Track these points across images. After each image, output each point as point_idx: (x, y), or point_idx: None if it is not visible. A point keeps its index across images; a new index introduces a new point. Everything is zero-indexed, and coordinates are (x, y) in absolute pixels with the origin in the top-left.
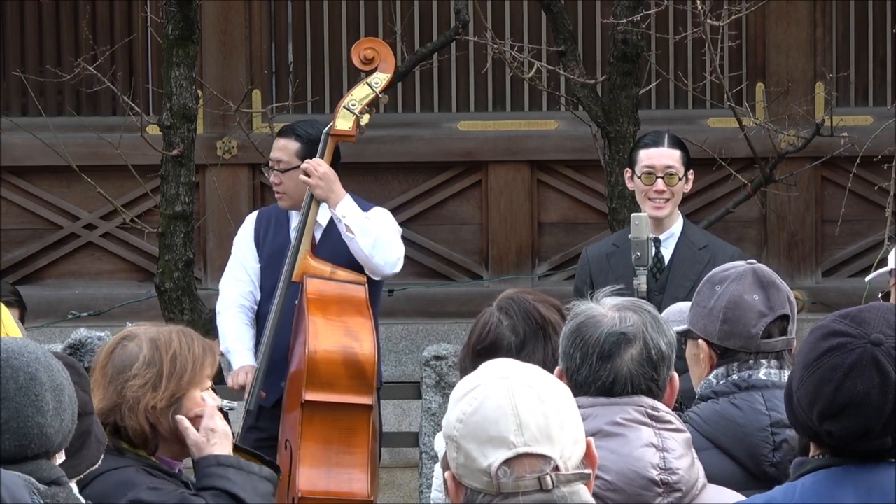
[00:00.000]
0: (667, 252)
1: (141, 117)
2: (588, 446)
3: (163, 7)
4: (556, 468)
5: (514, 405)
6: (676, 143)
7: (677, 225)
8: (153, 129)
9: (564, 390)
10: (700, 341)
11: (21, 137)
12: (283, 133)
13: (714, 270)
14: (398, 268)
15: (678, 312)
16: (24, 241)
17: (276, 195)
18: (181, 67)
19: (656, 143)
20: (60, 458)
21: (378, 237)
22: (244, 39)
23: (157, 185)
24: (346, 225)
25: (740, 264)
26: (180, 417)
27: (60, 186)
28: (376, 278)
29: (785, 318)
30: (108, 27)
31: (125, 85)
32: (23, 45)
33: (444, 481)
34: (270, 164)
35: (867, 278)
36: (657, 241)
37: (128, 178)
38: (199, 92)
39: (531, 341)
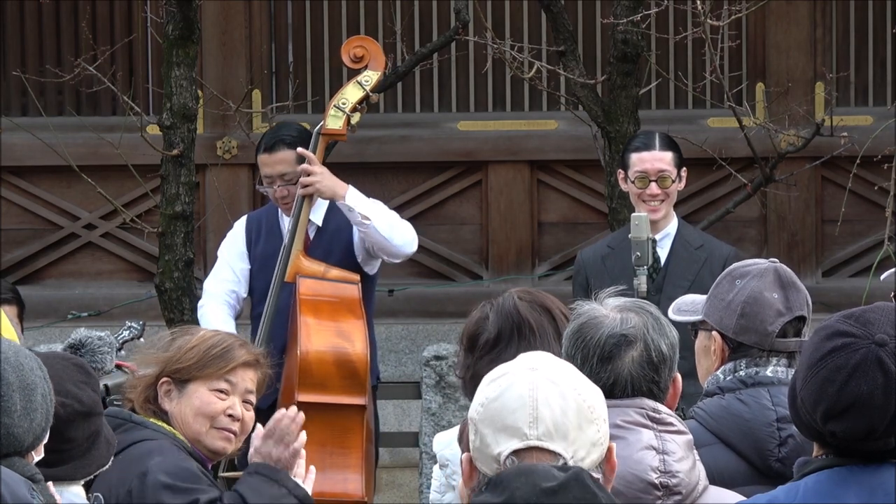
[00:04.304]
0: (662, 252)
1: (141, 117)
2: (609, 451)
3: (163, 7)
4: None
5: (535, 398)
6: (667, 143)
7: (672, 225)
8: (153, 129)
9: (594, 392)
10: (714, 333)
11: (21, 137)
12: (272, 148)
13: (735, 265)
14: (415, 246)
15: (690, 303)
16: (24, 241)
17: (284, 205)
18: (181, 67)
19: (647, 146)
20: (38, 455)
21: (392, 218)
22: (244, 39)
23: (157, 185)
24: (359, 214)
25: (762, 261)
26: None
27: (60, 186)
28: (396, 260)
29: (801, 320)
30: (108, 27)
31: (125, 85)
32: (23, 45)
33: (461, 462)
34: (267, 181)
35: (882, 277)
36: (653, 242)
37: (128, 178)
38: (199, 92)
39: (504, 339)
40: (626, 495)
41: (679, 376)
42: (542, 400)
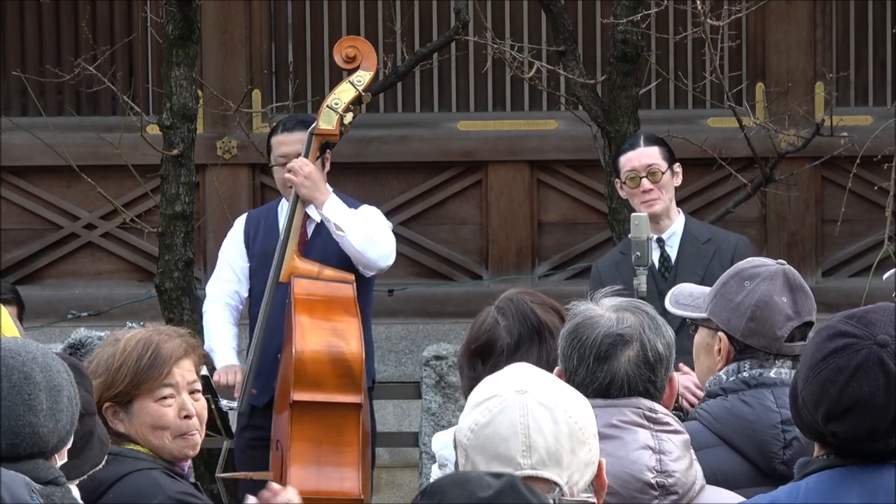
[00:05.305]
0: (671, 250)
1: (141, 117)
2: (599, 468)
3: (163, 7)
4: (562, 493)
5: (527, 425)
6: (653, 140)
7: (679, 222)
8: (153, 129)
9: (584, 408)
10: (720, 333)
11: (21, 137)
12: (292, 128)
13: (742, 265)
14: (391, 260)
15: (688, 296)
16: (24, 241)
17: (289, 189)
18: (181, 67)
19: (633, 146)
20: (62, 458)
21: (368, 231)
22: (244, 39)
23: (157, 185)
24: (334, 224)
25: (771, 263)
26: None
27: (60, 186)
28: (371, 273)
29: (809, 325)
30: (108, 27)
31: (125, 85)
32: (23, 45)
33: None
34: (282, 160)
35: (884, 277)
36: (661, 241)
37: (128, 178)
38: (199, 92)
39: (525, 343)
40: (623, 495)
41: (675, 376)
42: (534, 427)
